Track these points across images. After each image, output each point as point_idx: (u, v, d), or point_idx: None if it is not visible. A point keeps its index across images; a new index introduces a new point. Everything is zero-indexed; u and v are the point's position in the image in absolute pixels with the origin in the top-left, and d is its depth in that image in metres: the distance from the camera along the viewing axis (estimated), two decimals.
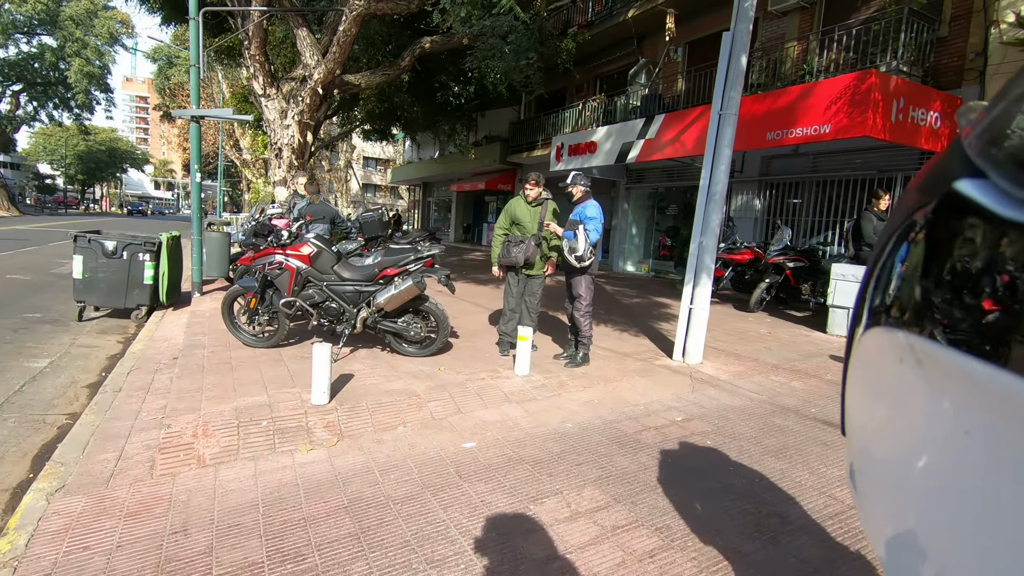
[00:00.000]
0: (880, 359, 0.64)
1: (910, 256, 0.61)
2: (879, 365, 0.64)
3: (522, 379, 4.35)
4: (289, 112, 8.01)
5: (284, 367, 4.43)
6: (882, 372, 0.63)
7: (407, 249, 4.51)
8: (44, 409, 4.08)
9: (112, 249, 6.56)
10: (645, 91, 12.55)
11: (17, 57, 35.22)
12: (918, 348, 0.55)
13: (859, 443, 0.70)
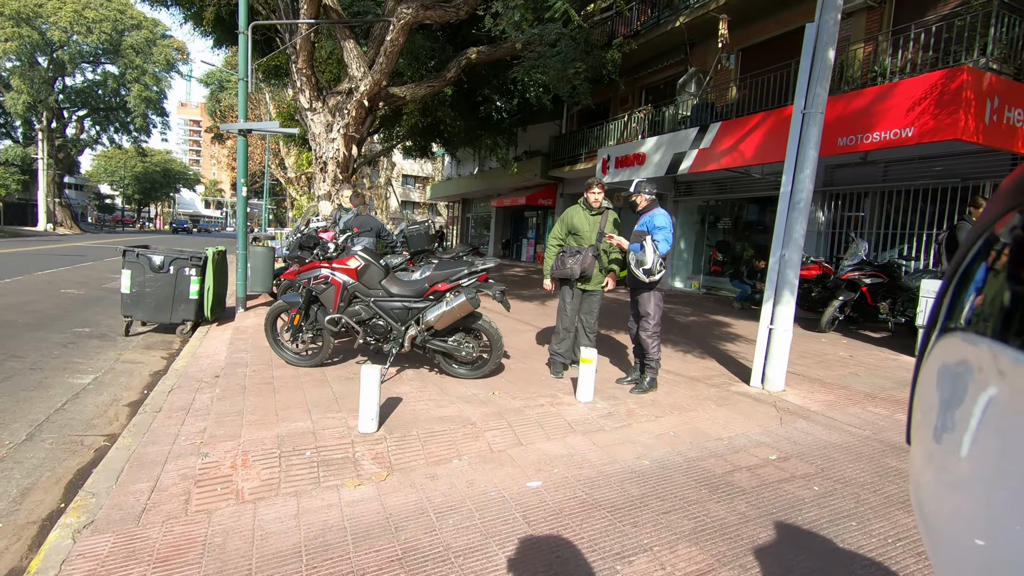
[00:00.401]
0: (957, 368, 0.61)
1: (997, 260, 0.58)
2: (955, 374, 0.61)
3: (586, 406, 3.93)
4: (335, 125, 7.91)
5: (328, 388, 4.14)
6: (959, 382, 0.60)
7: (460, 263, 4.19)
8: (83, 429, 3.90)
9: (159, 264, 6.52)
10: (695, 100, 12.07)
11: (83, 85, 37.44)
12: (1000, 358, 0.52)
13: (927, 456, 0.66)
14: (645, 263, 3.93)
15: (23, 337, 6.17)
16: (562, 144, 17.25)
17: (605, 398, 4.13)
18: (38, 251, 17.76)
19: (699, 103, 11.84)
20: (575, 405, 3.92)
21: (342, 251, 4.31)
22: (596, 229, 4.39)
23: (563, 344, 4.63)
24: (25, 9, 29.96)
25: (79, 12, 31.73)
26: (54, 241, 24.85)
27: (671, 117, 12.38)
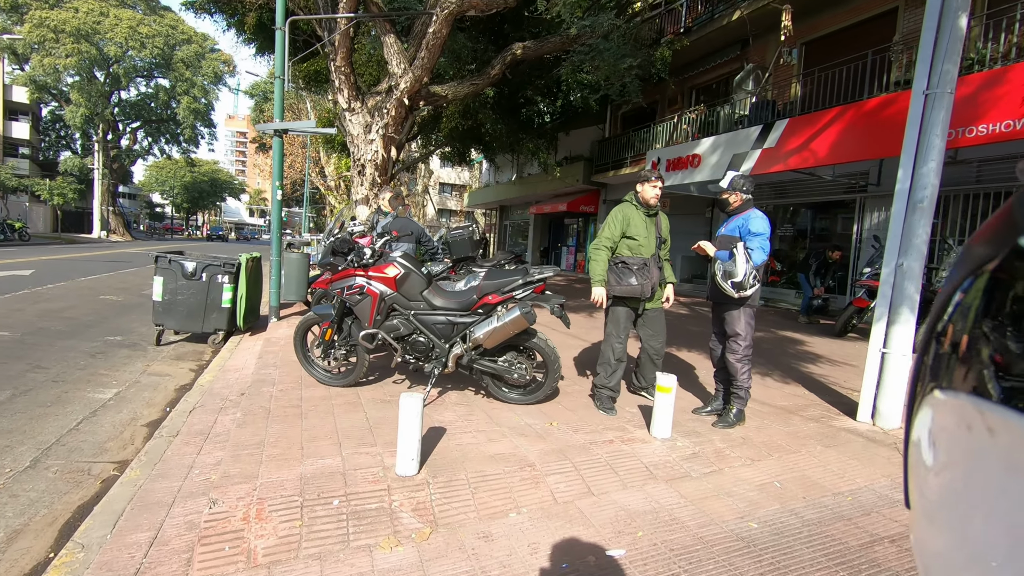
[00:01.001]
0: (946, 426, 0.59)
1: (973, 313, 0.57)
2: (945, 433, 0.59)
3: (664, 444, 3.28)
4: (373, 126, 7.52)
5: (362, 414, 3.63)
6: (948, 441, 0.59)
7: (514, 272, 3.62)
8: (93, 454, 3.50)
9: (192, 270, 6.23)
10: (753, 98, 11.26)
11: (136, 98, 38.96)
12: (988, 415, 0.51)
13: (924, 519, 0.63)
14: (735, 275, 3.28)
15: (53, 346, 5.94)
16: (606, 148, 16.59)
17: (684, 433, 3.47)
18: (87, 257, 18.18)
19: (758, 101, 11.03)
20: (650, 442, 3.28)
21: (379, 257, 3.81)
22: (653, 234, 3.76)
23: (614, 376, 3.83)
24: (85, 26, 31.31)
25: (134, 28, 32.98)
26: (105, 248, 25.63)
27: (726, 117, 11.60)
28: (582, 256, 20.71)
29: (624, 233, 3.77)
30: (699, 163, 10.44)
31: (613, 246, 3.79)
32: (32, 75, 31.83)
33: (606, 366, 3.86)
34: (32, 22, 30.25)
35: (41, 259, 16.00)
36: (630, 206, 3.81)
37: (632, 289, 3.63)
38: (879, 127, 7.12)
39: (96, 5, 32.59)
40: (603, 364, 3.89)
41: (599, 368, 3.91)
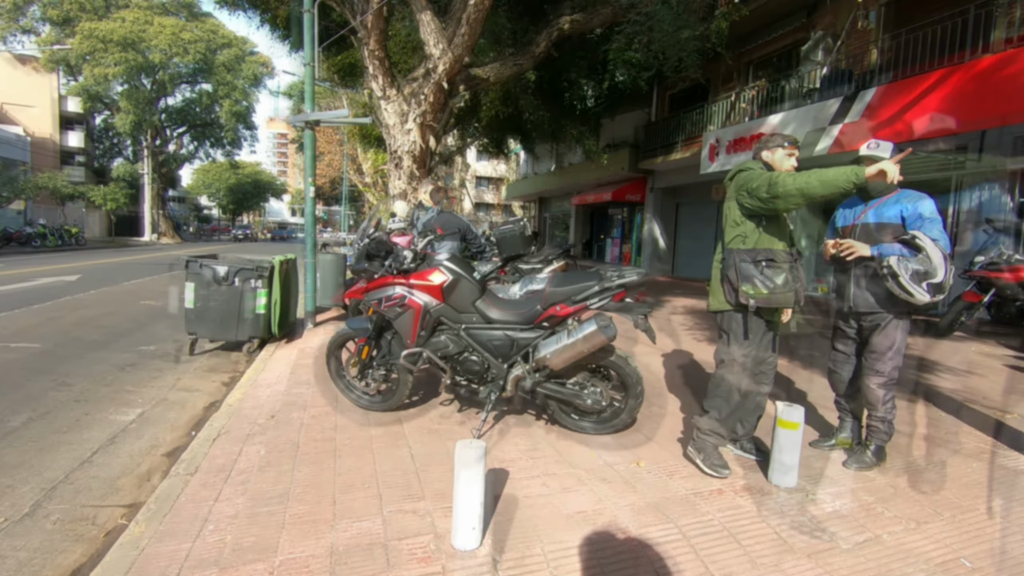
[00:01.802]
0: None
1: None
2: None
3: (790, 496, 2.54)
4: (410, 114, 6.95)
5: (406, 449, 3.03)
6: None
7: (587, 275, 2.94)
8: (102, 495, 3.03)
9: (224, 275, 5.83)
10: (824, 69, 10.15)
11: (181, 104, 39.99)
12: None
13: None
14: (934, 275, 2.45)
15: (83, 358, 5.63)
16: (653, 132, 15.60)
17: (812, 478, 2.72)
18: (135, 260, 18.49)
19: (830, 72, 9.92)
20: (772, 493, 2.55)
21: (422, 261, 3.20)
22: (786, 221, 2.96)
23: (732, 418, 2.78)
24: (131, 35, 32.17)
25: (176, 35, 33.69)
26: (155, 250, 26.27)
27: (792, 91, 10.51)
28: (628, 248, 19.77)
29: (753, 213, 2.68)
30: None
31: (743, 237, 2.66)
32: (84, 85, 32.96)
33: (723, 402, 2.74)
34: (82, 34, 31.29)
35: (90, 263, 16.28)
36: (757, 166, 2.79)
37: (785, 297, 2.56)
38: (998, 89, 6.05)
39: (141, 14, 33.46)
40: (719, 399, 2.75)
41: (710, 405, 2.79)
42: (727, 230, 2.75)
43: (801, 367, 5.04)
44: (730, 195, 2.74)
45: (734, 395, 2.73)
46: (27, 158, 31.95)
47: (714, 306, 2.79)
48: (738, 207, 2.67)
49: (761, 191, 2.47)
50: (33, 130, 35.12)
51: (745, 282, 2.57)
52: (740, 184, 2.65)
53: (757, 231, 2.63)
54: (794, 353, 5.64)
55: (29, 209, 29.44)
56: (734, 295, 2.64)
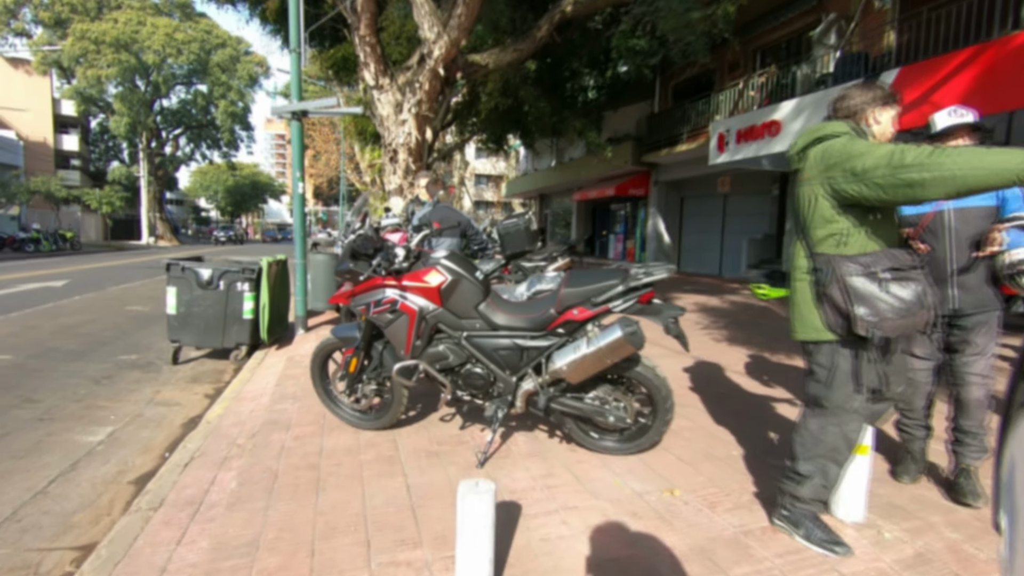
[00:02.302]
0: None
1: None
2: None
3: (860, 534, 2.12)
4: (405, 104, 6.53)
5: (401, 478, 2.62)
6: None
7: (608, 274, 2.52)
8: (54, 534, 2.63)
9: (208, 278, 5.44)
10: (837, 53, 9.72)
11: (177, 105, 39.57)
12: None
13: None
14: None
15: (56, 371, 5.23)
16: (657, 124, 15.16)
17: (883, 511, 2.30)
18: (127, 264, 18.09)
19: (843, 56, 9.48)
20: (838, 531, 2.13)
21: (416, 259, 2.78)
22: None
23: (833, 477, 2.06)
24: (124, 36, 31.75)
25: (170, 35, 33.27)
26: (151, 253, 25.88)
27: (804, 78, 10.08)
28: (631, 244, 19.35)
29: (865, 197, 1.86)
30: (778, 131, 9.00)
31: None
32: (78, 88, 32.57)
33: (830, 463, 2.02)
34: (75, 35, 30.88)
35: (81, 268, 15.89)
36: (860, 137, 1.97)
37: (919, 319, 1.83)
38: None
39: (134, 15, 33.03)
40: (822, 459, 2.02)
41: (809, 468, 2.04)
42: (812, 228, 1.93)
43: None
44: (811, 176, 1.93)
45: (843, 453, 2.02)
46: (20, 162, 31.57)
47: (803, 334, 2.01)
48: (829, 194, 1.87)
49: (878, 173, 1.69)
50: (28, 134, 34.77)
51: (862, 304, 1.80)
52: (832, 159, 1.85)
53: (861, 229, 1.86)
54: None
55: (24, 214, 29.06)
56: (843, 322, 1.86)
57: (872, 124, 1.99)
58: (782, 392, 4.07)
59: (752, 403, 3.81)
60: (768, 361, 5.05)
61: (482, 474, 2.63)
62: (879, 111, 1.99)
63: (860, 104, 1.99)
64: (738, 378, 4.48)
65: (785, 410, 3.65)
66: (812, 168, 1.93)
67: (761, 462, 2.77)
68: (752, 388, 4.19)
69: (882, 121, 1.99)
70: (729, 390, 4.14)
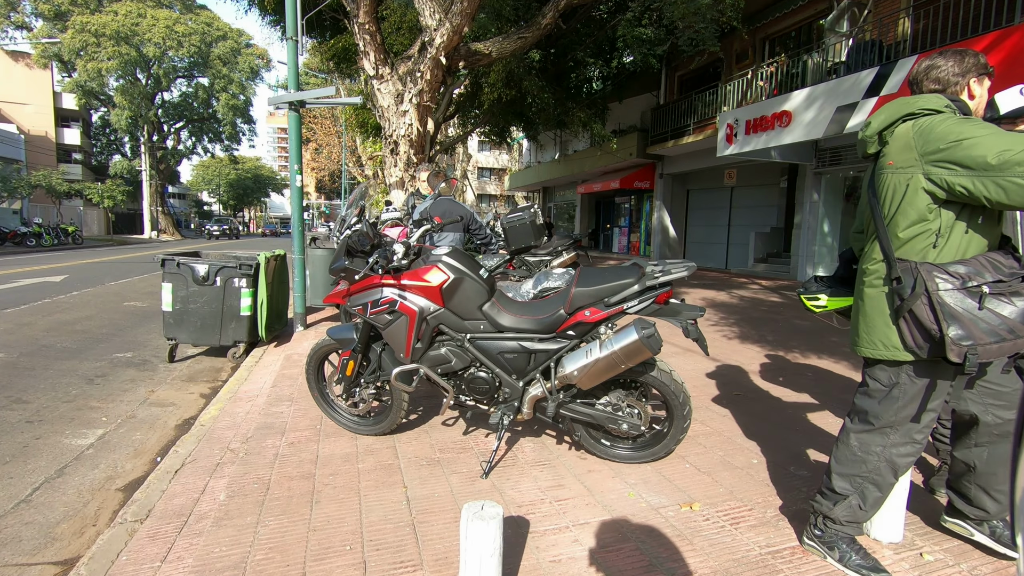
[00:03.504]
0: None
1: None
2: None
3: (897, 556, 1.96)
4: (406, 95, 6.34)
5: (400, 488, 2.46)
6: None
7: (623, 272, 2.34)
8: (35, 547, 2.50)
9: (204, 274, 5.29)
10: (850, 41, 9.46)
11: (179, 99, 39.36)
12: None
13: None
14: None
15: (49, 369, 5.09)
16: (662, 116, 14.91)
17: (917, 528, 2.13)
18: (128, 259, 17.97)
19: (856, 44, 9.23)
20: (874, 551, 1.96)
21: (416, 256, 2.61)
22: None
23: (878, 507, 1.87)
24: (124, 28, 31.52)
25: (170, 27, 33.03)
26: (153, 248, 25.76)
27: (816, 67, 9.82)
28: (636, 237, 19.13)
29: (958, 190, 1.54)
30: (790, 121, 8.78)
31: None
32: (79, 81, 32.38)
33: (872, 487, 1.80)
34: (75, 28, 30.65)
35: (82, 262, 15.78)
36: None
37: (1019, 341, 1.51)
38: None
39: (134, 7, 32.77)
40: (863, 480, 1.81)
41: (844, 484, 1.83)
42: (897, 226, 1.61)
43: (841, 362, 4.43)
44: (902, 161, 1.59)
45: (886, 477, 1.78)
46: (22, 156, 31.47)
47: (871, 351, 1.70)
48: (928, 186, 1.54)
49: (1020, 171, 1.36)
50: (29, 128, 34.64)
51: (956, 324, 1.49)
52: (936, 142, 1.51)
53: (960, 230, 1.56)
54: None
55: (25, 208, 28.98)
56: (929, 344, 1.56)
57: (971, 98, 1.67)
58: (801, 394, 3.90)
59: (770, 406, 3.63)
60: (784, 360, 4.87)
61: (486, 484, 2.47)
62: (977, 82, 1.67)
63: (956, 73, 1.65)
64: (753, 378, 4.30)
65: (806, 414, 3.48)
66: (903, 152, 1.59)
67: (784, 472, 2.61)
68: (769, 389, 4.02)
69: (979, 95, 1.68)
70: (744, 391, 3.96)
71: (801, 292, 2.13)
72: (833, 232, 11.19)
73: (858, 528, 1.89)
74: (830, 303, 2.03)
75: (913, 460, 1.77)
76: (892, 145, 1.63)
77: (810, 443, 2.96)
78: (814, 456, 2.79)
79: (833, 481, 1.86)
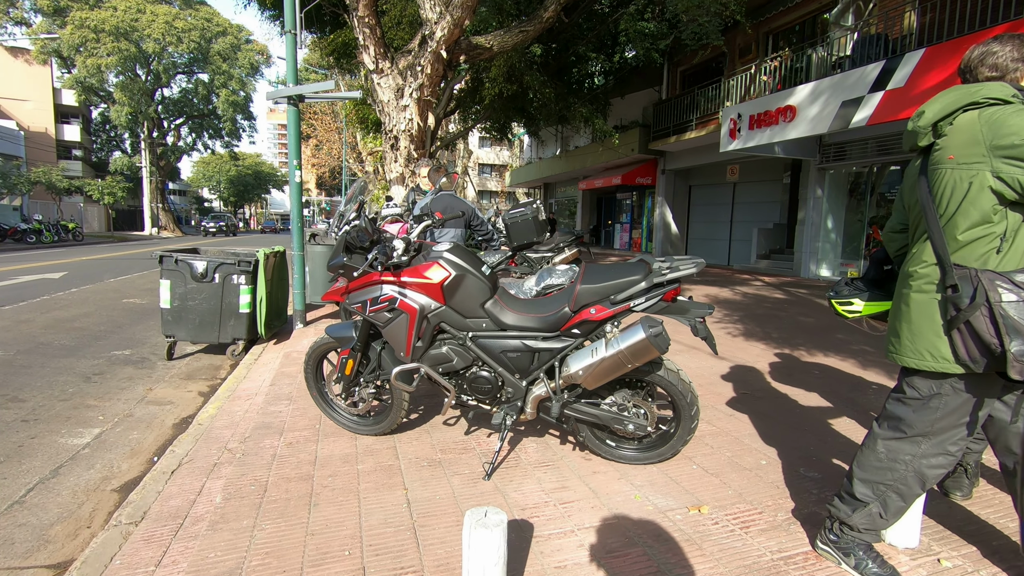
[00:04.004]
0: None
1: None
2: None
3: (915, 561, 1.90)
4: (406, 89, 6.26)
5: (400, 490, 2.40)
6: None
7: (629, 268, 2.27)
8: (27, 550, 2.45)
9: (202, 271, 5.24)
10: (855, 35, 9.36)
11: (178, 95, 39.24)
12: None
13: None
14: None
15: (46, 367, 5.04)
16: (664, 112, 14.80)
17: (933, 532, 2.07)
18: (128, 256, 17.93)
19: (861, 37, 9.13)
20: (890, 557, 1.90)
21: (416, 252, 2.55)
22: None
23: (895, 510, 1.75)
24: (123, 24, 31.40)
25: (170, 23, 32.90)
26: (153, 244, 25.72)
27: (820, 61, 9.72)
28: (638, 233, 19.06)
29: None
30: (794, 116, 8.68)
31: None
32: (78, 77, 32.26)
33: (892, 493, 1.71)
34: (74, 24, 30.53)
35: (81, 259, 15.73)
36: None
37: None
38: None
39: (133, 2, 32.63)
40: (884, 487, 1.71)
41: (866, 490, 1.74)
42: (956, 226, 1.48)
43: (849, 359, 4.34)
44: (964, 154, 1.45)
45: (913, 488, 1.68)
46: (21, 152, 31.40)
47: (916, 361, 1.58)
48: (993, 184, 1.41)
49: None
50: (29, 124, 34.55)
51: (1020, 338, 1.38)
52: (1010, 136, 1.37)
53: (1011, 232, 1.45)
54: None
55: (26, 205, 28.93)
56: (985, 358, 1.45)
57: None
58: (808, 393, 3.84)
59: (777, 405, 3.57)
60: (790, 357, 4.81)
61: (489, 486, 2.42)
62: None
63: (1016, 58, 1.51)
64: (759, 376, 4.24)
65: (815, 413, 3.42)
66: (967, 146, 1.44)
67: (794, 473, 2.54)
68: (775, 387, 3.96)
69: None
70: (751, 390, 3.90)
71: (832, 296, 1.98)
72: (837, 228, 11.11)
73: (876, 535, 1.81)
74: (868, 308, 1.88)
75: (944, 472, 1.66)
76: (952, 138, 1.48)
77: (820, 444, 2.90)
78: (824, 457, 2.73)
79: (854, 487, 1.77)
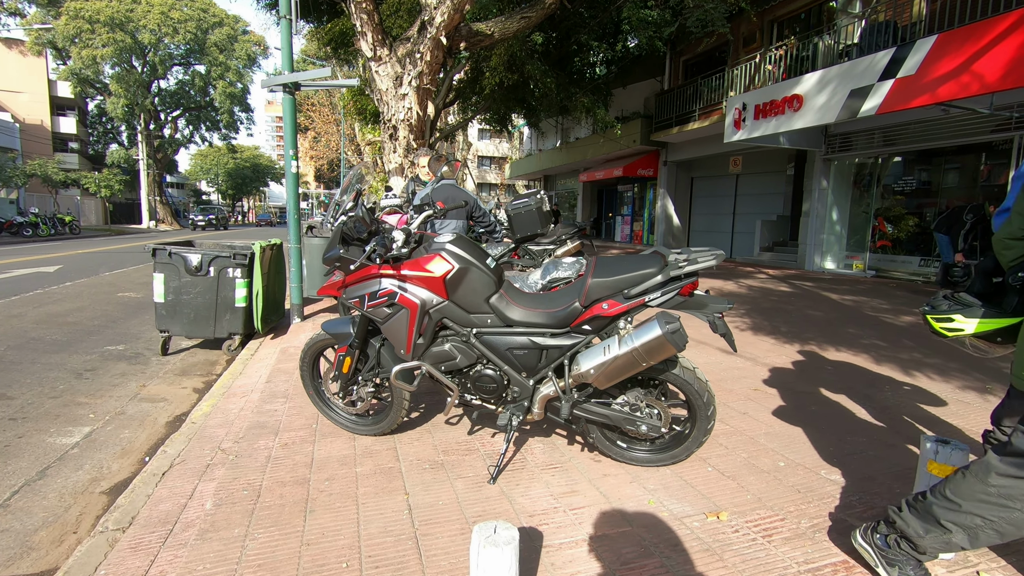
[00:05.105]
0: None
1: None
2: None
3: (952, 574, 1.78)
4: (405, 77, 6.09)
5: (401, 495, 2.28)
6: None
7: (643, 260, 2.14)
8: (8, 558, 2.34)
9: (197, 264, 5.11)
10: (862, 22, 9.18)
11: (175, 87, 38.85)
12: None
13: None
14: None
15: (37, 362, 4.92)
16: (666, 102, 14.59)
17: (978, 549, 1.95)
18: (124, 249, 17.76)
19: (868, 25, 8.95)
20: (929, 567, 1.78)
21: (417, 244, 2.41)
22: None
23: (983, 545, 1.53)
24: (118, 15, 31.02)
25: (165, 13, 32.52)
26: (151, 237, 25.53)
27: (827, 49, 9.54)
28: (639, 226, 18.89)
29: None
30: (801, 105, 8.51)
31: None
32: (73, 68, 31.90)
33: (992, 535, 1.47)
34: (68, 14, 30.13)
35: (77, 252, 15.57)
36: None
37: None
38: None
39: None
40: (985, 528, 1.47)
41: (959, 518, 1.50)
42: None
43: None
44: None
45: (1011, 533, 1.45)
46: (17, 145, 31.12)
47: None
48: None
49: None
50: (24, 116, 34.22)
51: None
52: None
53: None
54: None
55: (22, 198, 28.68)
56: None
57: None
58: (823, 389, 3.72)
59: (791, 402, 3.45)
60: (800, 352, 4.68)
61: (494, 491, 2.29)
62: None
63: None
64: (770, 373, 4.12)
65: (831, 411, 3.29)
66: None
67: (815, 476, 2.42)
68: (788, 384, 3.84)
69: None
70: (763, 387, 3.78)
71: (927, 311, 1.75)
72: (842, 220, 10.96)
73: (936, 556, 1.64)
74: (981, 326, 1.63)
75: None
76: None
77: (839, 444, 2.78)
78: (845, 458, 2.61)
79: (939, 512, 1.53)
